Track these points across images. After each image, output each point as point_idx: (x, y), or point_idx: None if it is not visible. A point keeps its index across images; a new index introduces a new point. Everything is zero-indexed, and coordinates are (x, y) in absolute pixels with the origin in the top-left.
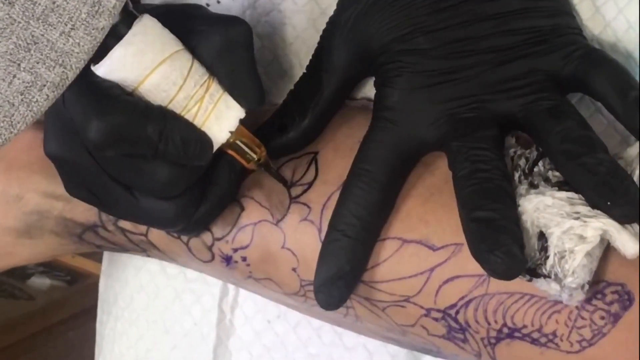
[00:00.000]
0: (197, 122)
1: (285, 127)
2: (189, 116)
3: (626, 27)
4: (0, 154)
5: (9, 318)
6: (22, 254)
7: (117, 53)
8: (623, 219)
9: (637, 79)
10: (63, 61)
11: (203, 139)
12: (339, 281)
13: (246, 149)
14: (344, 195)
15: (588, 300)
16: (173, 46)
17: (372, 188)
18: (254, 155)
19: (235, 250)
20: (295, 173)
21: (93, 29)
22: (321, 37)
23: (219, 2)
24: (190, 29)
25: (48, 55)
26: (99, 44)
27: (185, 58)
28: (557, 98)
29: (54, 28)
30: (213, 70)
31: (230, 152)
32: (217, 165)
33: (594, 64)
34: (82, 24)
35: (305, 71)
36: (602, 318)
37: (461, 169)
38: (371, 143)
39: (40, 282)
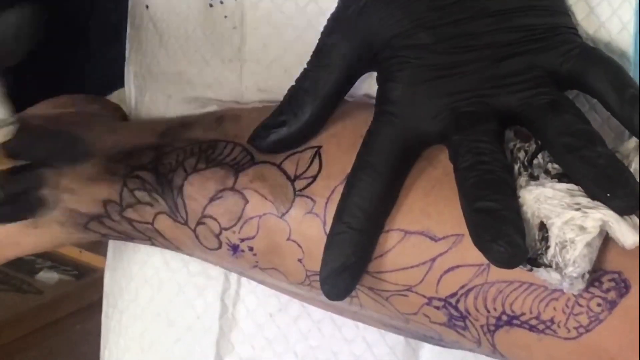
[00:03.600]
0: None
1: (285, 122)
2: None
3: (620, 27)
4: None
5: (18, 312)
6: (28, 243)
7: None
8: (623, 210)
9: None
10: None
11: None
12: (345, 272)
13: None
14: (348, 188)
15: (585, 288)
16: None
17: (375, 181)
18: None
19: (242, 240)
20: (298, 167)
21: None
22: (322, 33)
23: (221, 2)
24: None
25: None
26: None
27: None
28: (555, 93)
29: None
30: None
31: None
32: None
33: (591, 62)
34: None
35: (306, 67)
36: (599, 305)
37: (463, 161)
38: (374, 137)
39: (49, 276)
